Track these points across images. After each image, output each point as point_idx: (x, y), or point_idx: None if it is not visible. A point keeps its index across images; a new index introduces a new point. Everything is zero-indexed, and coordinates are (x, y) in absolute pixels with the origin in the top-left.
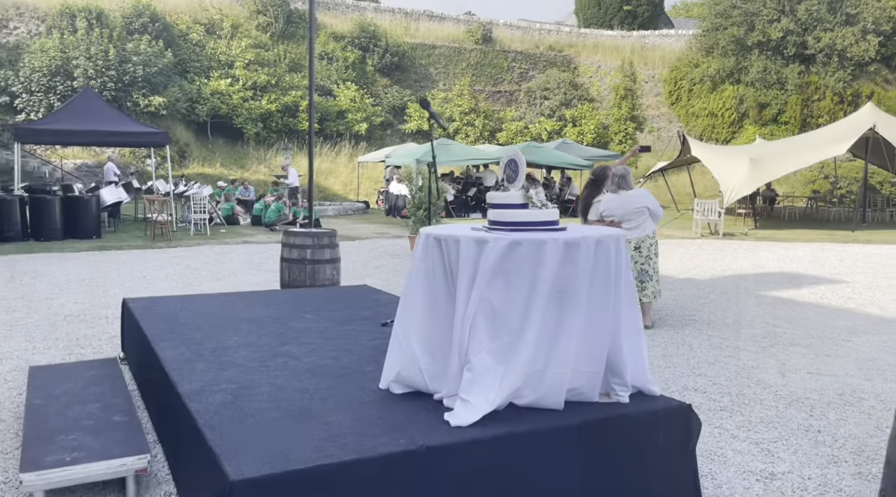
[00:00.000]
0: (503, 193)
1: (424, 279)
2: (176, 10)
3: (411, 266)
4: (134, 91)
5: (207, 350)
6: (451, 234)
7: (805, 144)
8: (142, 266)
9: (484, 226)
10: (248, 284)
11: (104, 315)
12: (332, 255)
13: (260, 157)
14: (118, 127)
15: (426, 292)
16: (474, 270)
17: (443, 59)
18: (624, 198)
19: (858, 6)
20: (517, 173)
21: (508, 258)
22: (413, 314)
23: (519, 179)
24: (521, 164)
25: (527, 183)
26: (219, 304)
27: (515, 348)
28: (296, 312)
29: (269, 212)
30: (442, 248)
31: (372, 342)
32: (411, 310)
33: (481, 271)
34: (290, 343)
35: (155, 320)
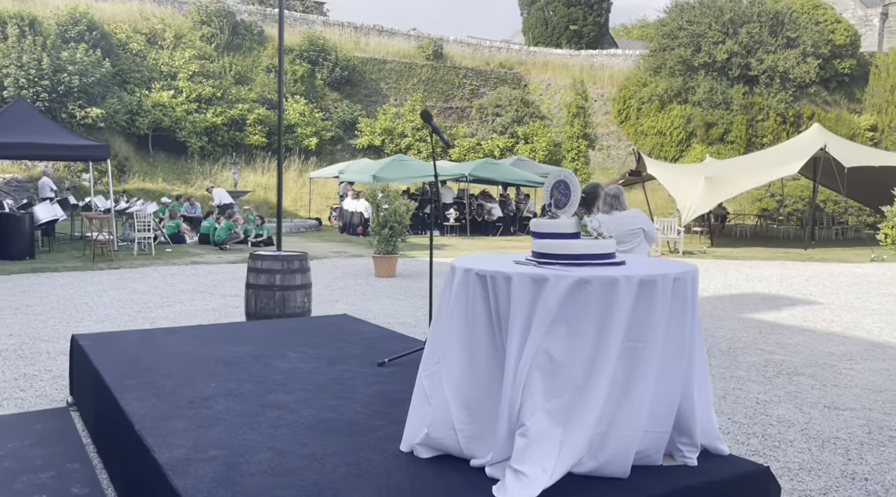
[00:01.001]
0: (552, 221)
1: (462, 322)
2: (115, 19)
3: (442, 306)
4: (69, 102)
5: (183, 401)
6: (497, 269)
7: (757, 163)
8: (82, 290)
9: (527, 257)
10: (205, 311)
11: (44, 350)
12: (303, 281)
13: (205, 172)
14: (54, 139)
15: (464, 338)
16: (530, 315)
17: (393, 74)
18: (618, 219)
19: (798, 30)
20: (569, 197)
21: (573, 301)
22: (447, 363)
23: (571, 204)
24: (574, 186)
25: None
26: (184, 341)
27: (578, 408)
28: (276, 350)
29: (219, 230)
30: (487, 287)
31: (372, 388)
32: (444, 358)
33: (539, 316)
34: (279, 390)
35: (114, 362)
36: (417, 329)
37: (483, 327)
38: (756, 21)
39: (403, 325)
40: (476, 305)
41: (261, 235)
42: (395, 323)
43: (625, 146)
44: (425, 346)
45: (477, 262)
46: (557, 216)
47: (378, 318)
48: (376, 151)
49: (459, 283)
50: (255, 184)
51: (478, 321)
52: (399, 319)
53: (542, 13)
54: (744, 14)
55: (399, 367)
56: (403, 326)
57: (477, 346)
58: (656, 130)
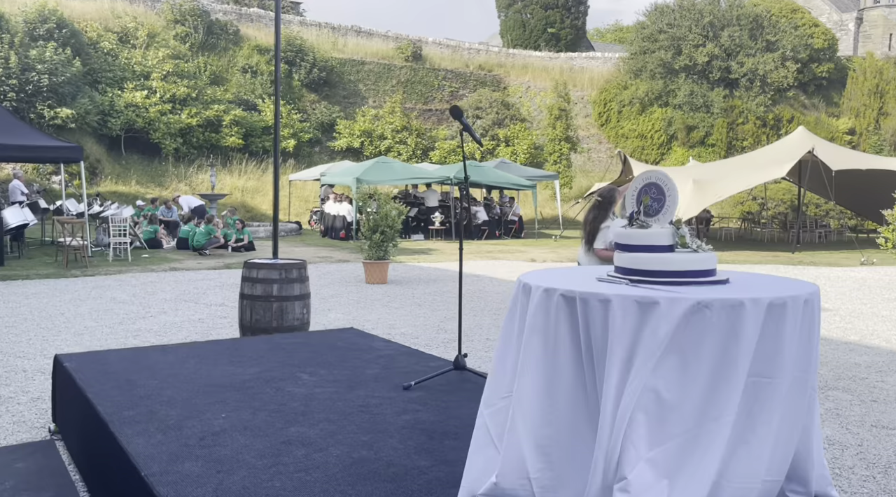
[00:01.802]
0: (644, 231)
1: (540, 352)
2: (85, 17)
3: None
4: (38, 102)
5: (192, 438)
6: (589, 290)
7: (743, 166)
8: (57, 299)
9: (611, 274)
10: (191, 322)
11: (20, 368)
12: (301, 291)
13: (180, 174)
14: (24, 140)
15: (542, 370)
16: (633, 345)
17: (372, 76)
18: None
19: (777, 34)
20: (662, 203)
21: (689, 329)
22: (521, 400)
23: (666, 211)
24: (670, 189)
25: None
26: (181, 361)
27: (688, 456)
28: (285, 371)
29: (198, 235)
30: (576, 311)
31: (403, 418)
32: (517, 393)
33: (646, 347)
34: (299, 421)
35: (106, 389)
36: (420, 341)
37: (567, 358)
38: (736, 24)
39: (405, 336)
40: (560, 332)
41: (241, 240)
42: (395, 334)
43: (605, 149)
44: (489, 377)
45: (554, 279)
46: (648, 225)
47: (377, 328)
48: (355, 154)
49: (539, 305)
50: (231, 186)
51: (561, 351)
52: (399, 330)
53: (519, 16)
54: (724, 17)
55: (426, 391)
56: (405, 338)
57: (559, 381)
58: (637, 133)
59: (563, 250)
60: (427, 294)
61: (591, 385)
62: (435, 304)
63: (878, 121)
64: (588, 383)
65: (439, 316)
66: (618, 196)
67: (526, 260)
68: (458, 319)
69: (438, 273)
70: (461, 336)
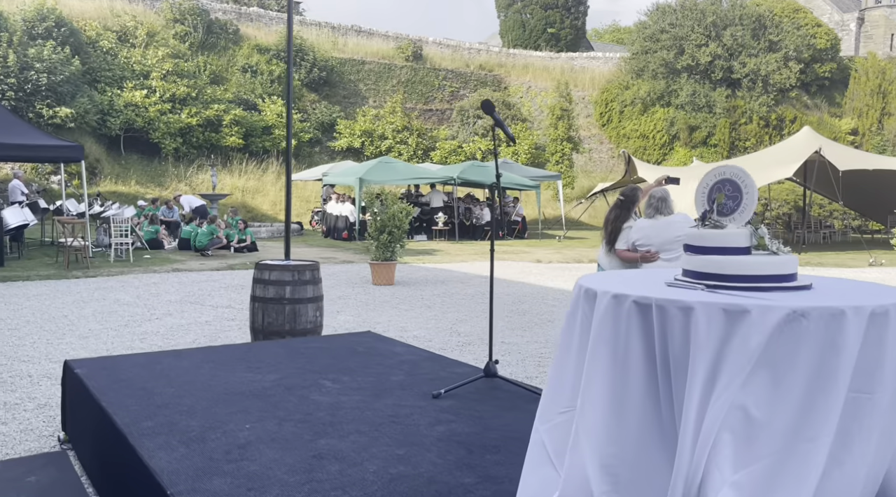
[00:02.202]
0: (718, 232)
1: (608, 363)
2: (84, 16)
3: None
4: (37, 101)
5: (218, 451)
6: (665, 296)
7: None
8: (59, 301)
9: (679, 278)
10: (198, 325)
11: (25, 372)
12: (314, 293)
13: (179, 174)
14: (24, 139)
15: (610, 383)
16: (719, 358)
17: (372, 76)
18: (663, 224)
19: (780, 34)
20: (739, 201)
21: (783, 340)
22: (585, 415)
23: (743, 209)
24: (747, 186)
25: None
26: (196, 366)
27: (777, 480)
28: (306, 377)
29: (201, 235)
30: (651, 320)
31: (437, 429)
32: (581, 408)
33: (734, 360)
34: (329, 432)
35: (121, 397)
36: (433, 344)
37: (639, 371)
38: (739, 24)
39: (417, 339)
40: (631, 343)
41: (244, 241)
42: (407, 337)
43: (607, 149)
44: (546, 390)
45: (619, 283)
46: (723, 225)
47: (388, 331)
48: (355, 154)
49: (607, 313)
50: (231, 186)
51: (632, 363)
52: (411, 333)
53: (518, 16)
54: (726, 17)
55: (457, 399)
56: (418, 341)
57: (628, 395)
58: (639, 133)
59: (567, 251)
60: (436, 296)
61: (667, 400)
62: (445, 306)
63: (881, 121)
64: (663, 398)
65: (450, 318)
66: (640, 195)
67: (531, 261)
68: (489, 325)
69: (445, 274)
70: (492, 342)
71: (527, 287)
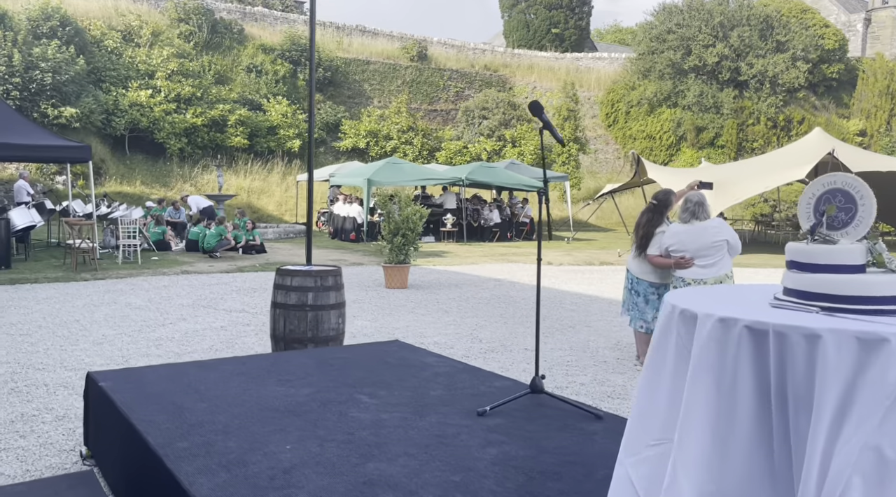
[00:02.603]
0: (828, 247)
1: (712, 393)
2: (88, 15)
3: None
4: (42, 101)
5: (262, 476)
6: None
7: (761, 168)
8: (70, 305)
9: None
10: (213, 330)
11: (41, 381)
12: (337, 299)
13: (185, 174)
14: (31, 139)
15: (714, 415)
16: (850, 393)
17: (377, 76)
18: (698, 229)
19: (788, 34)
20: (853, 213)
21: None
22: (684, 448)
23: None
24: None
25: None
26: (224, 379)
27: None
28: (341, 392)
29: (209, 236)
30: (767, 347)
31: (489, 451)
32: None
33: (869, 395)
34: (375, 455)
35: (151, 413)
36: (455, 351)
37: (748, 402)
38: (746, 25)
39: (438, 345)
40: (741, 371)
41: (252, 242)
42: (427, 343)
43: (612, 150)
44: (632, 420)
45: (717, 303)
46: (835, 240)
47: (407, 337)
48: (360, 154)
49: (711, 338)
50: (237, 187)
51: (741, 394)
52: (431, 339)
53: (523, 16)
54: (733, 17)
55: (504, 417)
56: (439, 347)
57: (735, 429)
58: (645, 134)
59: (577, 253)
60: (451, 300)
61: (781, 436)
62: (462, 310)
63: (890, 122)
64: (776, 434)
65: (469, 323)
66: (674, 199)
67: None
68: (536, 337)
69: (458, 277)
70: (538, 356)
71: (542, 291)
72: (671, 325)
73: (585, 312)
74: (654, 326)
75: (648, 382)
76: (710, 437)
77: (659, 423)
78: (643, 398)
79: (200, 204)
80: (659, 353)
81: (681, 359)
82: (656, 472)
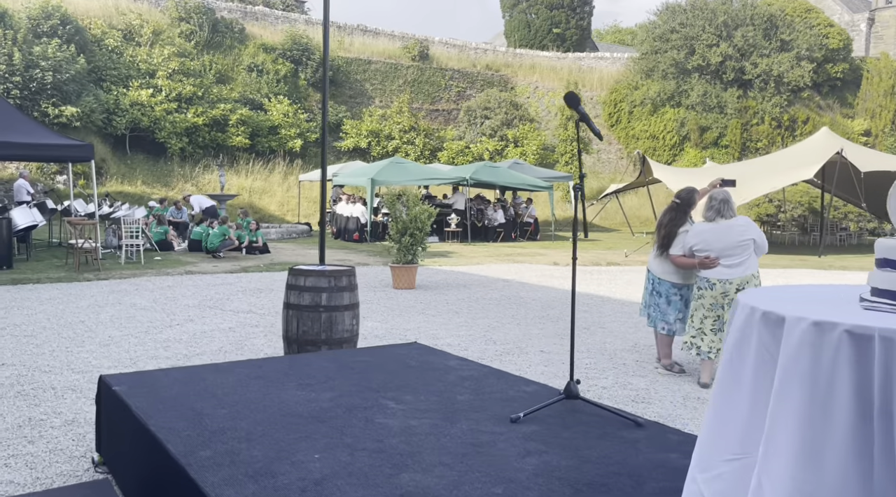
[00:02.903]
0: None
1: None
2: (89, 14)
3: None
4: (42, 100)
5: (293, 490)
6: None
7: (767, 168)
8: (74, 305)
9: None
10: (221, 331)
11: (48, 384)
12: (351, 300)
13: (186, 174)
14: (33, 138)
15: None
16: None
17: (378, 75)
18: (724, 228)
19: (792, 34)
20: None
21: None
22: (771, 461)
23: None
24: None
25: None
26: (242, 383)
27: None
28: (365, 396)
29: (212, 236)
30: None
31: (529, 461)
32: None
33: None
34: (409, 465)
35: (169, 419)
36: (470, 353)
37: (846, 414)
38: (750, 24)
39: (452, 348)
40: (838, 380)
41: (255, 242)
42: (441, 345)
43: (615, 150)
44: (704, 432)
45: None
46: None
47: (420, 339)
48: (362, 154)
49: (804, 343)
50: (238, 187)
51: (837, 405)
52: (444, 341)
53: (524, 16)
54: (737, 17)
55: (539, 424)
56: (452, 349)
57: (830, 443)
58: (648, 134)
59: (584, 253)
60: (461, 300)
61: (884, 453)
62: (473, 311)
63: (895, 122)
64: (879, 450)
65: (481, 325)
66: (697, 198)
67: (548, 263)
68: (571, 340)
69: (465, 277)
70: (573, 360)
71: (552, 291)
72: (751, 329)
73: (598, 313)
74: (676, 327)
75: (723, 393)
76: (801, 451)
77: (737, 436)
78: (717, 410)
79: (203, 203)
80: (736, 360)
81: (764, 366)
82: (734, 489)
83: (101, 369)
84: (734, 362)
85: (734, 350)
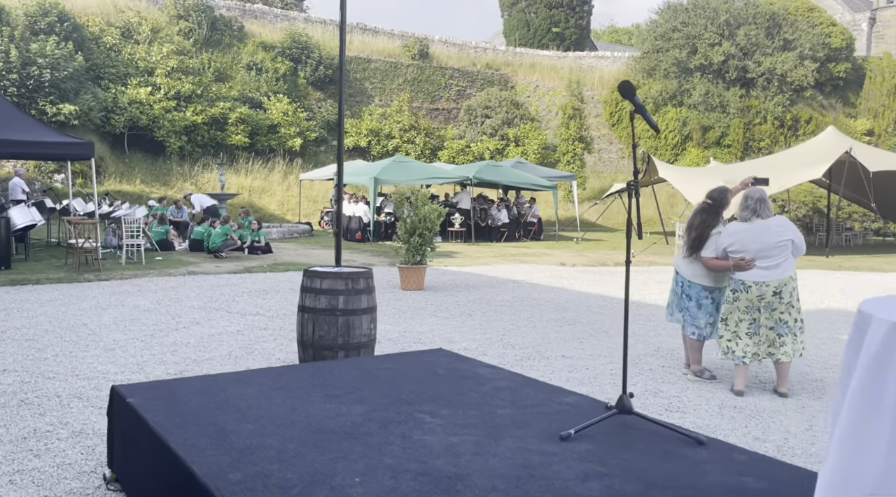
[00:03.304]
0: None
1: None
2: (87, 11)
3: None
4: (40, 97)
5: None
6: None
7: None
8: (75, 307)
9: None
10: (229, 335)
11: (53, 392)
12: (368, 303)
13: (184, 173)
14: (32, 136)
15: None
16: None
17: (378, 74)
18: (760, 228)
19: (795, 33)
20: None
21: None
22: None
23: None
24: None
25: None
26: (265, 394)
27: None
28: (398, 410)
29: (214, 236)
30: None
31: (590, 486)
32: None
33: None
34: (461, 492)
35: (191, 436)
36: (488, 358)
37: None
38: (752, 23)
39: (469, 352)
40: None
41: (258, 242)
42: (457, 348)
43: (616, 149)
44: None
45: None
46: None
47: (435, 342)
48: (362, 153)
49: None
50: (238, 186)
51: None
52: (460, 344)
53: (523, 15)
54: (739, 16)
55: (591, 442)
56: (470, 354)
57: None
58: (650, 133)
59: (589, 253)
60: (472, 302)
61: None
62: (486, 313)
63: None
64: None
65: (497, 328)
66: (730, 197)
67: (555, 263)
68: (624, 352)
69: (473, 278)
70: (626, 373)
71: (564, 293)
72: (888, 346)
73: (615, 316)
74: (707, 332)
75: (853, 419)
76: None
77: (876, 470)
78: (847, 438)
79: (204, 202)
80: (870, 384)
81: None
82: None
83: (107, 375)
84: (868, 385)
85: (872, 370)
